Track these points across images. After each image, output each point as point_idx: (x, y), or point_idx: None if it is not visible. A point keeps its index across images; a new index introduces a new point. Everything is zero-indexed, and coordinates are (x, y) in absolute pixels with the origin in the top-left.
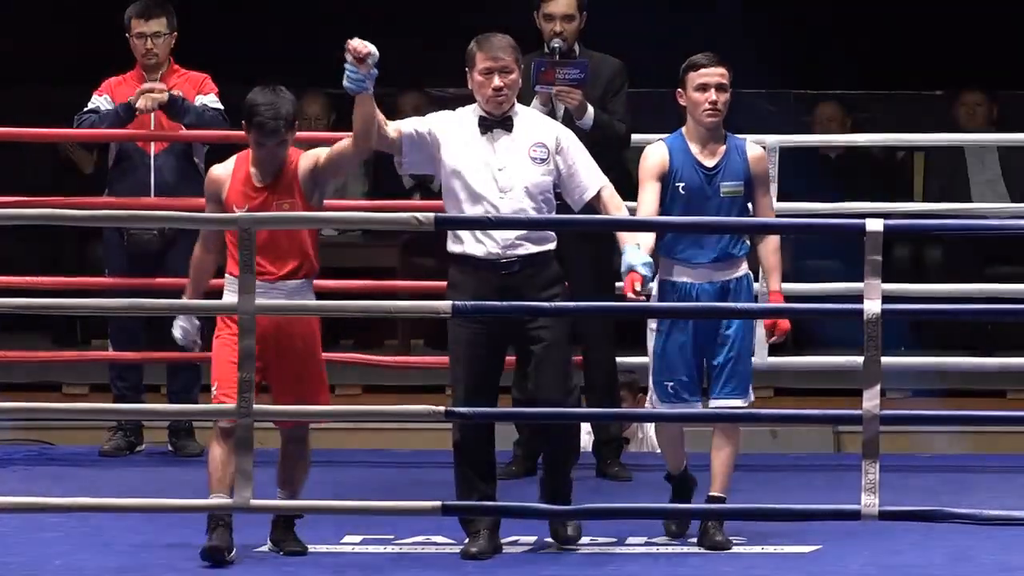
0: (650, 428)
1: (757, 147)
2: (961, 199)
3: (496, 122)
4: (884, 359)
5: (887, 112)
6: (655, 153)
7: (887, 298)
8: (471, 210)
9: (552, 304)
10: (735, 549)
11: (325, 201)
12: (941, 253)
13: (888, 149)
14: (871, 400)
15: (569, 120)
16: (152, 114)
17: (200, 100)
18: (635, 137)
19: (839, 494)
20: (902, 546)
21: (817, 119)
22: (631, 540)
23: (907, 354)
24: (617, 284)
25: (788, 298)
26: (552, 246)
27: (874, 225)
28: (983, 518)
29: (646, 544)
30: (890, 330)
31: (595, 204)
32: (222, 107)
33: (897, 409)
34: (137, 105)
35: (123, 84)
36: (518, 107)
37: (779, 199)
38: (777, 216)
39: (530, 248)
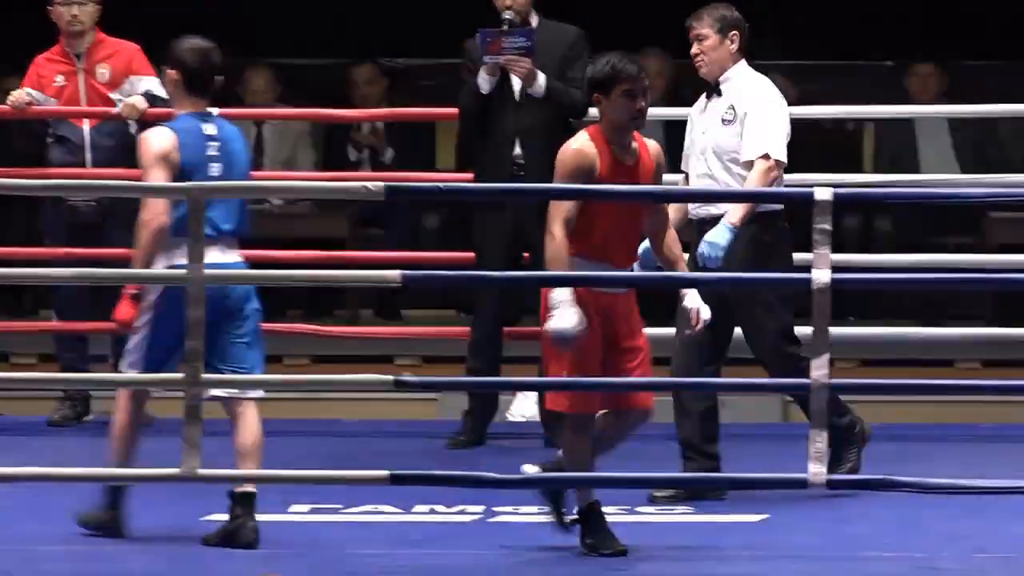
0: None
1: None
2: (911, 170)
3: (712, 88)
4: (833, 329)
5: (836, 83)
6: None
7: (836, 268)
8: (686, 168)
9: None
10: (682, 518)
11: (275, 172)
12: (891, 224)
13: (837, 120)
14: (820, 369)
15: (522, 89)
16: (82, 88)
17: (142, 85)
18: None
19: (787, 463)
20: (849, 515)
21: None
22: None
23: (855, 324)
24: None
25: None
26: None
27: (823, 194)
28: (930, 486)
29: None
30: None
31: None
32: (166, 95)
33: (846, 378)
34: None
35: (50, 62)
36: (738, 71)
37: None
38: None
39: (711, 210)
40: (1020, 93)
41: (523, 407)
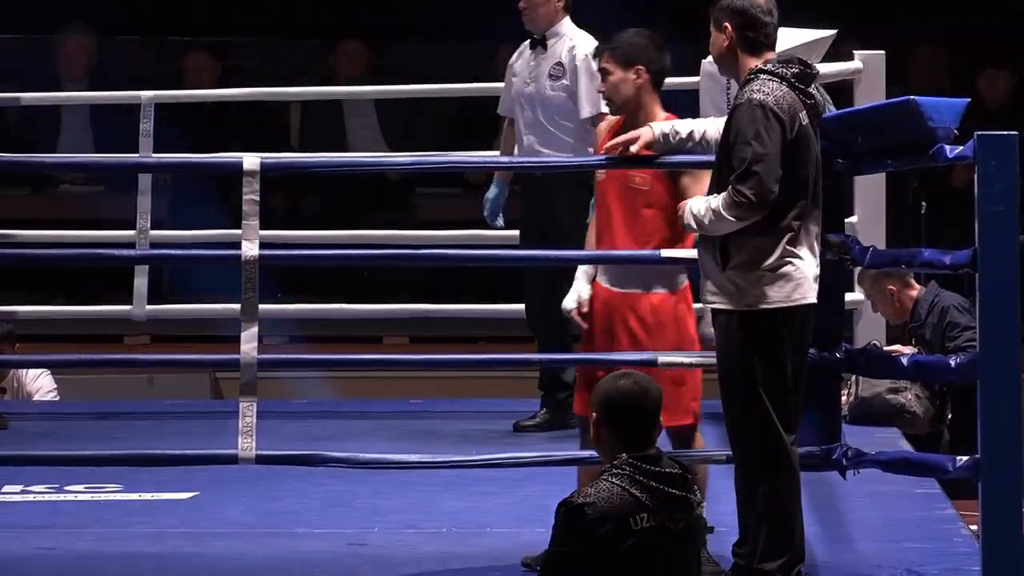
0: (24, 377)
1: None
2: (339, 147)
3: (538, 41)
4: (262, 306)
5: (262, 59)
6: None
7: (265, 244)
8: (503, 111)
9: None
10: (113, 496)
11: None
12: (319, 203)
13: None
14: (249, 342)
15: None
16: None
17: None
18: None
19: (218, 440)
20: (280, 491)
21: (187, 68)
22: (7, 488)
23: (283, 301)
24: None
25: (165, 245)
26: None
27: (251, 163)
28: (358, 462)
29: (22, 492)
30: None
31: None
32: None
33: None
34: None
35: None
36: (565, 28)
37: (156, 150)
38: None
39: None
40: (445, 72)
41: None
